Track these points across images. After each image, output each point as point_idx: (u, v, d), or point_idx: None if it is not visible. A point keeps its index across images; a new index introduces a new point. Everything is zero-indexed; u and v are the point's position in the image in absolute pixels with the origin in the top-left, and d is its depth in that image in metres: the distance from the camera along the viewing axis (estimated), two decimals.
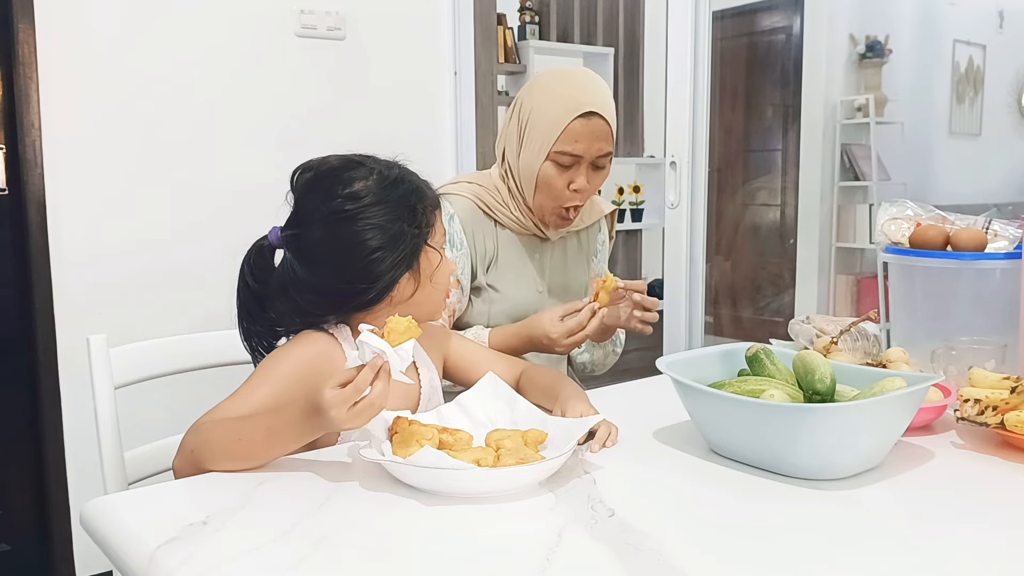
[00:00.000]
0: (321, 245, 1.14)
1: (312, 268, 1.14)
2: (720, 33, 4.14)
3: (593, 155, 1.48)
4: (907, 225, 1.54)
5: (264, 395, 1.10)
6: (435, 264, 1.20)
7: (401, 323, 1.00)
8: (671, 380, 1.12)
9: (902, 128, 4.55)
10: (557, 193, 1.50)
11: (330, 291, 1.15)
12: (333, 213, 1.13)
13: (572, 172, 1.48)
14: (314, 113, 2.70)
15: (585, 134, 1.45)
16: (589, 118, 1.45)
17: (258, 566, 0.81)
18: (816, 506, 0.95)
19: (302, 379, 1.10)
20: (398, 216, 1.14)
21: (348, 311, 1.17)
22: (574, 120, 1.44)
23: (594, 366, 1.72)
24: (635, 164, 4.31)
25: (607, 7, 4.17)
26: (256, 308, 1.20)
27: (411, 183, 1.18)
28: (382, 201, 1.14)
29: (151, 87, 2.44)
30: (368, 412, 0.98)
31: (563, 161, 1.47)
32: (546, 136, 1.47)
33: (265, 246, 1.20)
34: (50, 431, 2.33)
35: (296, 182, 1.18)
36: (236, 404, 1.09)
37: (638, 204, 4.26)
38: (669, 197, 2.42)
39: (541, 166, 1.48)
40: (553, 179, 1.48)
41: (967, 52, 4.67)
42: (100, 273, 2.38)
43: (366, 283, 1.13)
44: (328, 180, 1.15)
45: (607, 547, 0.84)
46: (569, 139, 1.45)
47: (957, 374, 1.30)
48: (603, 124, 1.47)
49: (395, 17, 2.86)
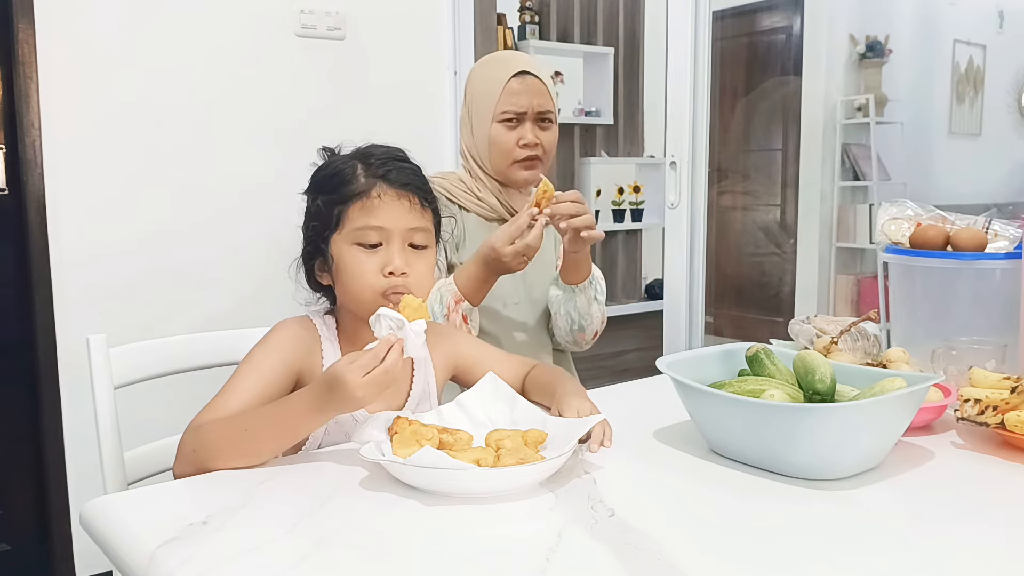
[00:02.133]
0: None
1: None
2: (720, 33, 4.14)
3: (535, 109, 1.63)
4: (907, 225, 1.54)
5: (253, 385, 1.12)
6: (347, 258, 1.16)
7: (415, 301, 1.07)
8: (671, 380, 1.12)
9: (902, 128, 4.55)
10: (508, 149, 1.64)
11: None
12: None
13: (519, 129, 1.63)
14: (314, 113, 2.70)
15: (522, 90, 1.62)
16: (523, 77, 1.62)
17: (258, 566, 0.81)
18: (816, 506, 0.95)
19: (285, 362, 1.15)
20: (315, 197, 1.20)
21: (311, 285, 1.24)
22: (510, 80, 1.62)
23: (582, 319, 1.66)
24: (635, 164, 4.31)
25: (607, 7, 4.16)
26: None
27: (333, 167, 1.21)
28: (312, 188, 1.22)
29: (151, 87, 2.44)
30: (382, 380, 1.01)
31: (508, 119, 1.63)
32: (488, 102, 1.64)
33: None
34: (50, 431, 2.33)
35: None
36: (227, 400, 1.10)
37: (638, 204, 4.26)
38: (669, 197, 2.42)
39: (490, 130, 1.64)
40: (502, 137, 1.63)
41: (967, 52, 4.67)
42: (100, 273, 2.38)
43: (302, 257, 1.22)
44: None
45: (607, 547, 0.84)
46: (509, 98, 1.62)
47: (957, 374, 1.30)
48: (538, 82, 1.63)
49: (395, 17, 2.86)
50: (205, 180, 2.53)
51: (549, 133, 1.66)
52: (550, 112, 1.65)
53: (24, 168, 2.26)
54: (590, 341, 1.74)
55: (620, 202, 4.23)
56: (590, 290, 1.65)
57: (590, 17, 4.16)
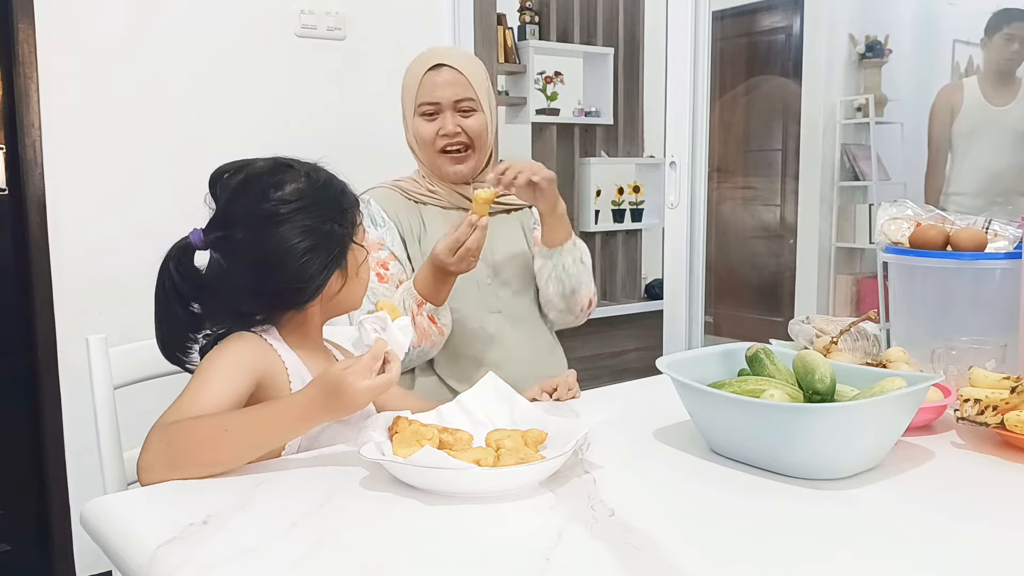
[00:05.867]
0: (254, 247, 1.14)
1: (243, 270, 1.15)
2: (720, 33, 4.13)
3: (450, 99, 1.65)
4: (907, 225, 1.54)
5: (218, 389, 1.07)
6: (360, 260, 1.24)
7: (387, 304, 1.11)
8: (671, 380, 1.12)
9: (902, 128, 4.54)
10: (430, 140, 1.66)
11: (263, 291, 1.16)
12: (267, 216, 1.14)
13: (439, 120, 1.66)
14: (314, 113, 2.70)
15: (438, 83, 1.65)
16: (438, 69, 1.65)
17: (258, 566, 0.81)
18: (816, 506, 0.95)
19: (251, 372, 1.11)
20: (328, 217, 1.17)
21: (280, 309, 1.19)
22: (424, 74, 1.65)
23: (572, 280, 1.67)
24: (635, 164, 4.31)
25: (607, 7, 4.16)
26: (180, 309, 1.17)
27: (338, 185, 1.23)
28: (314, 203, 1.16)
29: (151, 87, 2.44)
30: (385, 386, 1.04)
31: (426, 111, 1.66)
32: (409, 98, 1.68)
33: (188, 246, 1.18)
34: (50, 431, 2.33)
35: (222, 184, 1.19)
36: (191, 404, 1.06)
37: (638, 204, 4.26)
38: (669, 197, 2.42)
39: (413, 124, 1.68)
40: (424, 129, 1.66)
41: (967, 52, 4.66)
42: (100, 273, 2.38)
43: (300, 283, 1.15)
44: (258, 183, 1.17)
45: (607, 547, 0.84)
46: (425, 92, 1.65)
47: (957, 374, 1.30)
48: (452, 72, 1.65)
49: (395, 17, 2.86)
50: (205, 180, 2.52)
51: (472, 120, 1.66)
52: (469, 100, 1.65)
53: (24, 168, 2.26)
54: (586, 309, 1.75)
55: (620, 202, 4.23)
56: (575, 251, 1.68)
57: (590, 17, 4.15)
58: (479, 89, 1.67)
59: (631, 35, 4.27)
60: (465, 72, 1.66)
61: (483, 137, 1.69)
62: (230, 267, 1.15)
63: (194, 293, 1.17)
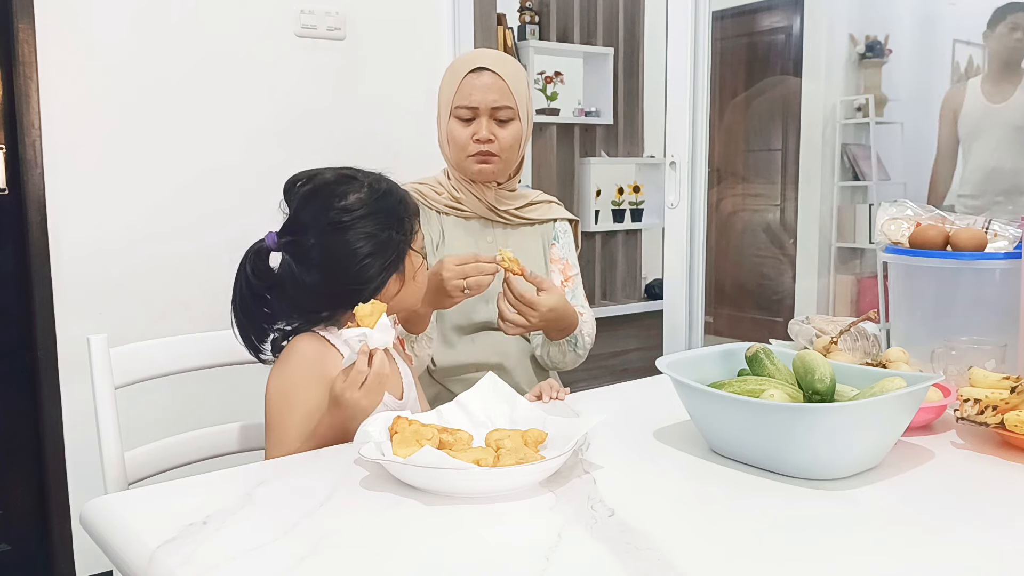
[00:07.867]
0: (319, 252, 1.24)
1: (310, 271, 1.24)
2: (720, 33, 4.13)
3: (488, 105, 1.62)
4: (907, 225, 1.54)
5: (298, 418, 1.20)
6: (417, 265, 1.33)
7: (365, 308, 1.14)
8: (671, 380, 1.12)
9: (902, 128, 4.54)
10: (463, 144, 1.64)
11: (327, 292, 1.25)
12: (330, 224, 1.24)
13: (474, 125, 1.63)
14: (314, 113, 2.70)
15: (477, 87, 1.62)
16: (479, 73, 1.63)
17: (258, 566, 0.81)
18: (816, 506, 0.95)
19: (312, 380, 1.21)
20: (387, 225, 1.27)
21: (342, 308, 1.27)
22: (465, 76, 1.62)
23: (553, 362, 1.71)
24: (635, 164, 4.31)
25: (607, 7, 4.16)
26: (254, 305, 1.28)
27: (398, 194, 1.31)
28: (374, 212, 1.26)
29: (151, 87, 2.44)
30: (377, 387, 1.14)
31: (462, 115, 1.63)
32: (447, 98, 1.66)
33: (263, 249, 1.28)
34: (50, 431, 2.33)
35: (293, 193, 1.29)
36: (281, 444, 1.20)
37: (638, 204, 4.26)
38: (669, 197, 2.42)
39: (447, 125, 1.66)
40: (457, 132, 1.64)
41: (967, 52, 4.66)
42: (100, 273, 2.38)
43: (358, 285, 1.25)
44: (324, 193, 1.27)
45: (607, 547, 0.84)
46: (463, 94, 1.62)
47: (957, 374, 1.31)
48: (494, 77, 1.62)
49: (395, 17, 2.86)
50: (205, 180, 2.53)
51: (506, 130, 1.64)
52: (508, 108, 1.63)
53: (24, 168, 2.26)
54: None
55: (620, 202, 4.24)
56: (566, 346, 1.67)
57: (590, 17, 4.15)
58: (519, 97, 1.65)
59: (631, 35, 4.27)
60: (507, 78, 1.63)
61: (515, 149, 1.67)
62: (299, 268, 1.24)
63: (267, 291, 1.28)
